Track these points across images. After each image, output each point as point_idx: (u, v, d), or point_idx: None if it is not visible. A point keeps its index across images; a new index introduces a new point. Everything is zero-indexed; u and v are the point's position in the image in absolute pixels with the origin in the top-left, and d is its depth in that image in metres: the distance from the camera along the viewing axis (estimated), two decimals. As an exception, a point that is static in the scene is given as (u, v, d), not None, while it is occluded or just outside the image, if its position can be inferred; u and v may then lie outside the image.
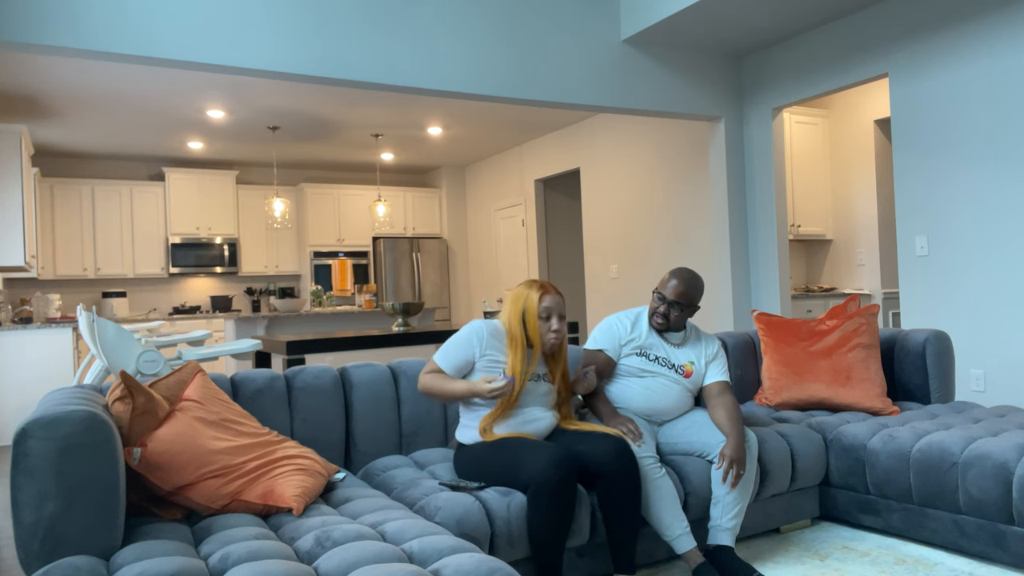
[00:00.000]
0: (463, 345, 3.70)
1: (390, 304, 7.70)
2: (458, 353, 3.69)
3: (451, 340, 3.73)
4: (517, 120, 11.15)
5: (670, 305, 4.12)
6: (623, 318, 4.26)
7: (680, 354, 4.18)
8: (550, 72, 7.14)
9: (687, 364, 4.16)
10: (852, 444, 4.34)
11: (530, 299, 3.74)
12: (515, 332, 3.71)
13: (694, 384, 4.17)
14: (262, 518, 3.04)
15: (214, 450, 3.06)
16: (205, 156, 12.62)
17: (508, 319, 3.73)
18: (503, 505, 3.32)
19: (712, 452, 3.94)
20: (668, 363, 4.15)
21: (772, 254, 8.06)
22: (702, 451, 3.99)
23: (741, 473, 3.82)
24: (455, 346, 3.71)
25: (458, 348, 3.70)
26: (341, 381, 4.07)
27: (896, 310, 8.80)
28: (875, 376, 4.85)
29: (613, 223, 10.72)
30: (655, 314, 4.16)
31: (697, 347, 4.23)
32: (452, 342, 3.72)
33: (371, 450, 4.05)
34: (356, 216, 13.80)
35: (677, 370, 4.14)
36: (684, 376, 4.14)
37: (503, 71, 6.90)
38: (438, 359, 3.73)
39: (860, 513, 4.34)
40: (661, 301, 4.13)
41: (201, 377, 3.40)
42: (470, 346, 3.69)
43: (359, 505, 3.12)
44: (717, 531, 3.83)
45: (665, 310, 4.13)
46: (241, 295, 13.51)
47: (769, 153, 8.08)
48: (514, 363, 3.67)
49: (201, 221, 12.67)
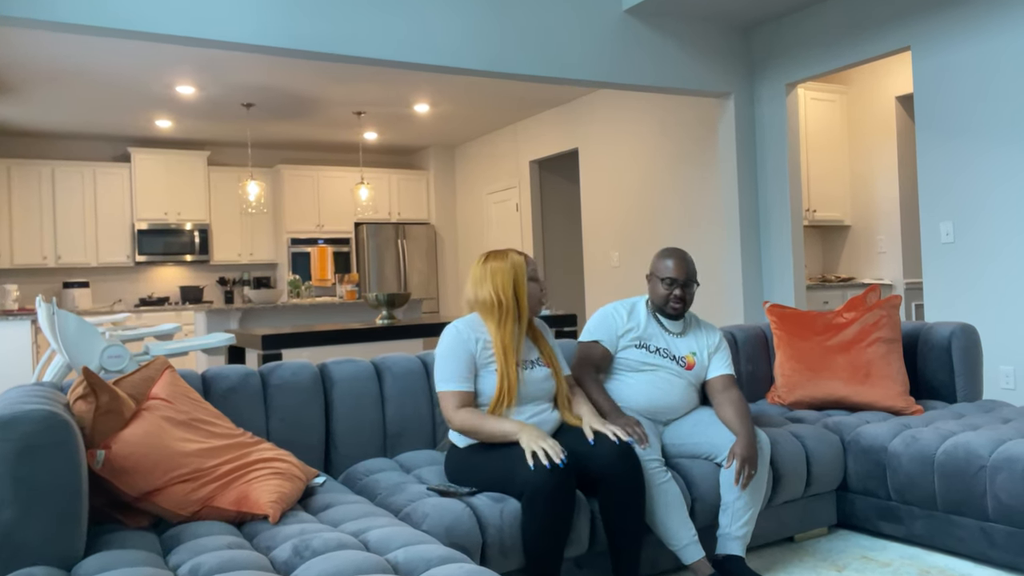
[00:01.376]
0: (457, 348, 3.65)
1: (373, 295, 7.69)
2: (459, 360, 3.63)
3: (442, 355, 3.66)
4: (511, 96, 11.14)
5: (683, 286, 4.13)
6: (619, 308, 4.26)
7: (681, 344, 4.19)
8: (546, 45, 7.13)
9: (688, 356, 4.16)
10: (872, 446, 4.34)
11: (519, 265, 3.73)
12: (508, 304, 3.69)
13: (697, 377, 4.18)
14: (236, 526, 3.04)
15: (184, 452, 3.05)
16: (174, 135, 12.59)
17: (496, 293, 3.69)
18: (496, 512, 3.32)
19: (721, 454, 3.94)
20: (669, 355, 4.15)
21: (786, 241, 8.07)
22: (710, 453, 3.99)
23: (753, 473, 3.82)
24: (452, 356, 3.64)
25: (456, 354, 3.64)
26: (321, 378, 4.06)
27: (919, 301, 8.82)
28: (896, 373, 4.86)
29: (614, 208, 10.72)
30: (669, 302, 4.14)
31: (698, 336, 4.24)
32: (446, 355, 3.65)
33: (353, 452, 4.04)
34: (337, 200, 13.78)
35: (679, 362, 4.15)
36: (686, 368, 4.14)
37: (496, 44, 6.89)
38: (449, 382, 3.63)
39: (880, 521, 4.34)
40: (672, 285, 4.12)
41: (170, 374, 3.40)
42: (463, 344, 3.65)
43: (340, 512, 3.12)
44: (726, 540, 3.83)
45: (681, 292, 4.12)
46: (213, 285, 13.49)
47: (782, 132, 8.08)
48: (504, 339, 3.65)
49: (170, 205, 12.65)
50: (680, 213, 9.69)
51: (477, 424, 3.53)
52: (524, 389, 3.66)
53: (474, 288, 3.76)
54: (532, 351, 3.80)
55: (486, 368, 3.65)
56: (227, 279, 13.44)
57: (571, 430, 3.70)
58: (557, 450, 3.33)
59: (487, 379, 3.64)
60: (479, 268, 3.77)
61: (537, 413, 3.67)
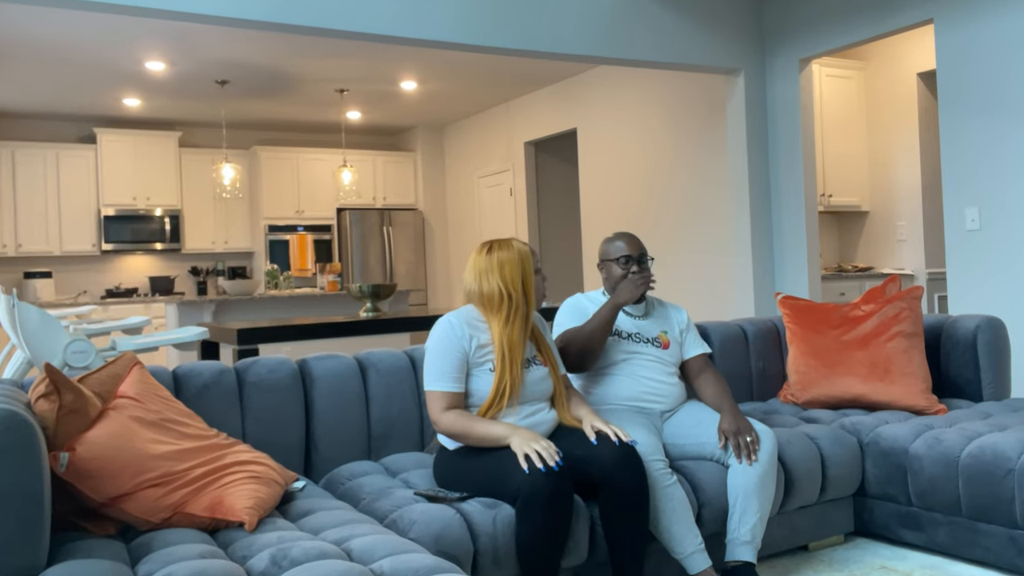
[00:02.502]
0: (449, 344, 3.64)
1: (357, 286, 7.69)
2: (450, 358, 3.62)
3: (432, 351, 3.66)
4: (504, 73, 11.13)
5: (639, 261, 4.27)
6: (581, 299, 4.38)
7: (650, 325, 4.30)
8: (541, 17, 7.12)
9: (661, 335, 4.28)
10: (892, 448, 4.35)
11: (527, 256, 3.74)
12: (518, 300, 3.69)
13: (674, 357, 4.27)
14: (209, 534, 3.03)
15: (153, 455, 3.05)
16: (143, 115, 12.57)
17: (505, 287, 3.68)
18: (488, 519, 3.32)
19: (727, 455, 3.94)
20: (642, 338, 4.25)
21: (799, 228, 8.07)
22: (714, 453, 3.99)
23: (752, 440, 3.89)
24: (443, 353, 3.63)
25: (447, 351, 3.63)
26: (300, 375, 4.06)
27: (943, 293, 8.83)
28: (918, 369, 4.86)
29: (615, 193, 10.72)
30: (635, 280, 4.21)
31: (663, 316, 4.37)
32: (436, 351, 3.64)
33: (335, 455, 4.04)
34: (318, 184, 13.78)
35: (653, 343, 4.24)
36: (662, 348, 4.24)
37: (488, 16, 6.88)
38: (438, 381, 3.62)
39: (901, 528, 4.35)
40: (628, 262, 4.27)
41: (138, 371, 3.39)
42: (456, 341, 3.64)
43: (321, 518, 3.12)
44: (735, 545, 3.83)
45: (638, 269, 4.26)
46: (185, 276, 13.48)
47: (796, 112, 8.07)
48: (512, 337, 3.64)
49: (138, 190, 12.64)
50: (686, 199, 9.69)
51: (466, 427, 3.53)
52: (522, 390, 3.66)
53: (478, 279, 3.74)
54: (530, 348, 3.80)
55: (480, 367, 3.64)
56: (200, 269, 13.43)
57: (569, 432, 3.69)
58: (552, 452, 3.32)
59: (481, 378, 3.63)
60: (483, 258, 3.75)
61: (532, 413, 3.66)
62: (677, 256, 9.85)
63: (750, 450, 3.87)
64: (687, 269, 9.72)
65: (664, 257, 9.99)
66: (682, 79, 9.73)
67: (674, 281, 9.88)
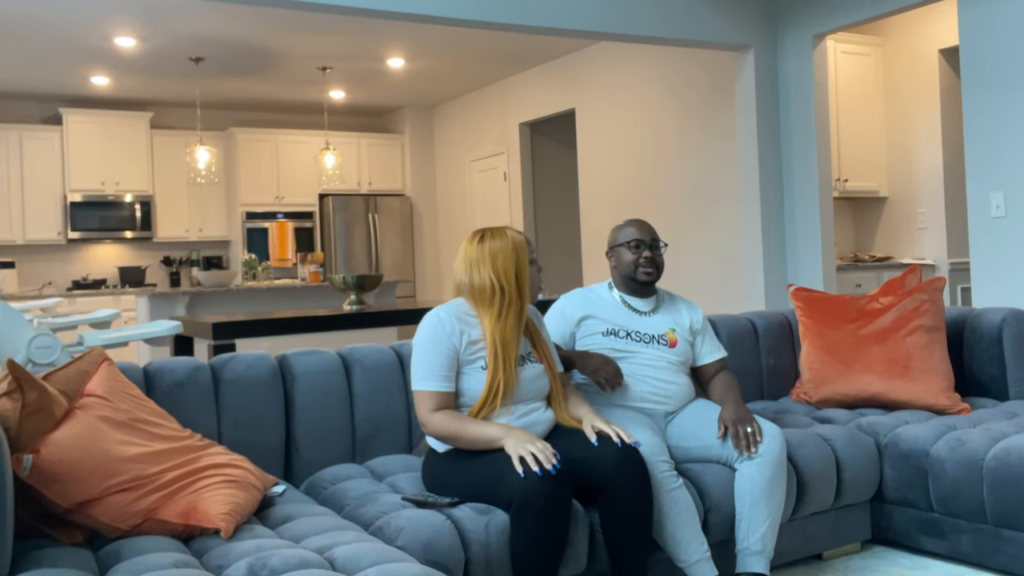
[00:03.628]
0: (437, 341, 3.63)
1: (341, 277, 7.68)
2: (439, 355, 3.61)
3: (420, 347, 3.65)
4: (497, 50, 11.12)
5: (651, 247, 4.27)
6: (572, 297, 4.37)
7: (656, 322, 4.28)
8: (539, -10, 7.12)
9: (668, 332, 4.26)
10: (911, 450, 4.35)
11: (521, 246, 3.72)
12: (511, 293, 3.68)
13: (684, 356, 4.26)
14: (183, 541, 3.03)
15: (123, 457, 3.04)
16: (112, 94, 12.54)
17: (497, 279, 3.66)
18: (480, 526, 3.32)
19: (733, 456, 3.94)
20: (645, 337, 4.23)
21: (813, 215, 8.07)
22: (720, 455, 3.99)
23: (751, 432, 3.90)
24: (431, 350, 3.63)
25: (436, 348, 3.62)
26: (280, 372, 4.06)
27: (966, 284, 8.84)
28: (940, 366, 4.86)
29: (616, 178, 10.72)
30: (639, 267, 4.24)
31: (674, 312, 4.35)
32: (424, 348, 3.64)
33: (317, 457, 4.04)
34: (299, 168, 13.77)
35: (659, 341, 4.23)
36: (669, 347, 4.22)
37: (481, -12, 6.87)
38: (426, 380, 3.61)
39: (921, 535, 4.35)
40: (639, 247, 4.25)
41: (107, 367, 3.39)
42: (445, 338, 3.63)
43: (302, 525, 3.12)
44: (745, 556, 3.83)
45: (650, 254, 4.25)
46: (157, 266, 13.47)
47: (809, 91, 8.07)
48: (505, 333, 3.64)
49: (107, 174, 12.62)
50: (691, 184, 9.69)
51: (456, 429, 3.53)
52: (516, 389, 3.66)
53: (468, 270, 3.73)
54: (524, 344, 3.80)
55: (471, 365, 3.64)
56: (173, 259, 13.42)
57: (567, 433, 3.68)
58: (548, 454, 3.32)
59: (472, 376, 3.63)
60: (474, 248, 3.74)
61: (527, 413, 3.66)
62: (682, 245, 9.85)
63: (749, 441, 3.87)
64: (693, 259, 9.73)
65: (669, 247, 9.98)
66: (688, 56, 9.72)
67: (680, 272, 9.89)
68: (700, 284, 9.66)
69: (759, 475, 3.84)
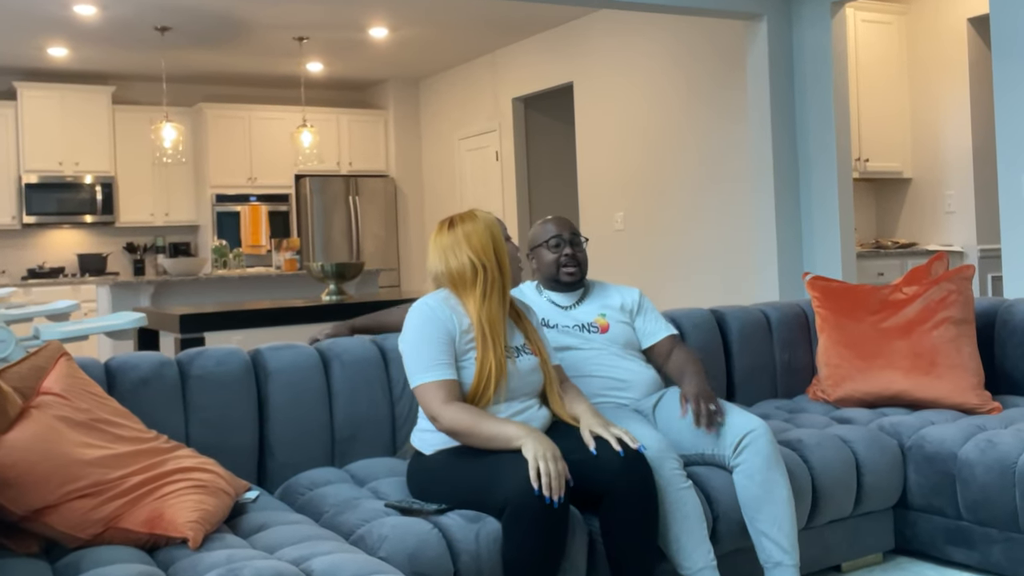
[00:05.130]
0: (433, 328, 3.61)
1: (319, 265, 7.68)
2: (437, 342, 3.60)
3: (414, 340, 3.64)
4: (489, 18, 11.10)
5: (572, 243, 4.33)
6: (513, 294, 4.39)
7: (582, 312, 4.34)
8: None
9: (597, 318, 4.31)
10: (938, 453, 4.35)
11: (493, 224, 3.76)
12: (492, 270, 3.68)
13: (623, 339, 4.30)
14: (147, 552, 3.03)
15: (83, 461, 3.04)
16: (71, 67, 12.52)
17: (477, 258, 3.66)
18: (470, 535, 3.31)
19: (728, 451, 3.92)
20: (573, 327, 4.29)
21: (831, 198, 8.07)
22: (715, 454, 3.97)
23: (714, 409, 3.92)
24: (428, 338, 3.61)
25: (433, 335, 3.61)
26: (253, 368, 4.06)
27: (997, 273, 8.84)
28: (969, 361, 4.86)
29: (618, 158, 10.71)
30: (561, 266, 4.31)
31: (602, 297, 4.43)
32: (419, 339, 3.62)
33: (293, 460, 4.04)
34: (273, 147, 13.77)
35: (588, 329, 4.27)
36: (600, 332, 4.27)
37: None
38: (429, 371, 3.58)
39: (948, 545, 4.36)
40: (559, 244, 4.32)
41: (65, 363, 3.38)
42: (441, 323, 3.61)
43: (277, 534, 3.12)
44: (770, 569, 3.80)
45: (571, 251, 4.32)
46: (119, 253, 13.46)
47: (827, 63, 8.07)
48: (491, 314, 3.63)
49: (65, 154, 12.60)
50: (699, 164, 9.68)
51: (472, 423, 3.48)
52: (510, 382, 3.65)
53: (444, 257, 3.73)
54: (515, 335, 3.79)
55: (465, 356, 3.64)
56: (137, 245, 13.41)
57: (567, 432, 3.66)
58: (562, 482, 3.28)
59: (466, 370, 3.62)
60: (446, 234, 3.75)
61: (521, 411, 3.65)
62: (689, 231, 9.84)
63: (711, 419, 3.89)
64: (700, 246, 9.72)
65: (674, 232, 9.99)
66: (696, 25, 9.71)
67: (685, 259, 9.88)
68: (708, 273, 9.65)
69: (749, 483, 3.83)
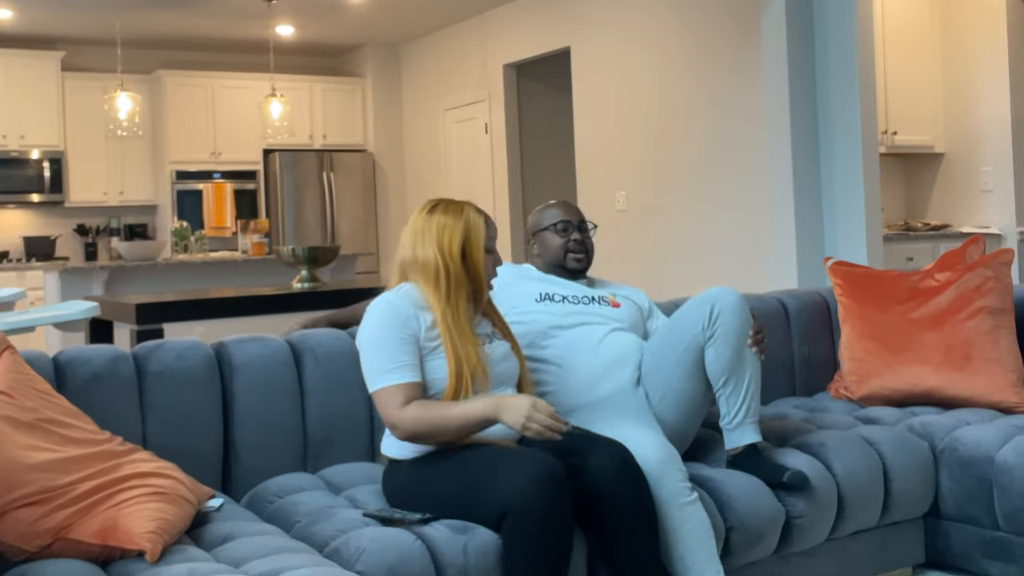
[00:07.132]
0: (394, 329, 3.60)
1: (290, 249, 7.68)
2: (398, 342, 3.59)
3: (372, 340, 3.64)
4: (479, -24, 11.11)
5: (580, 229, 4.39)
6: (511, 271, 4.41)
7: (592, 291, 4.36)
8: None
9: (609, 296, 4.35)
10: (973, 456, 4.36)
11: (475, 227, 3.73)
12: (456, 274, 3.67)
13: (629, 320, 4.31)
14: (100, 566, 3.03)
15: (29, 465, 3.03)
16: (14, 30, 12.51)
17: (441, 255, 3.65)
18: (458, 547, 3.30)
19: (704, 337, 4.01)
20: (583, 299, 4.29)
21: (855, 175, 8.06)
22: (696, 338, 4.02)
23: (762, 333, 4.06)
24: (387, 340, 3.60)
25: (393, 336, 3.60)
26: (217, 363, 4.06)
27: (1036, 258, 8.86)
28: (1007, 355, 4.87)
29: (620, 130, 10.71)
30: (568, 252, 4.35)
31: (610, 288, 4.46)
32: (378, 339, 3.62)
33: (262, 465, 4.03)
34: (239, 119, 13.77)
35: (599, 302, 4.29)
36: (611, 306, 4.30)
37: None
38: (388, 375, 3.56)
39: (984, 558, 4.36)
40: (567, 229, 4.36)
41: (10, 357, 3.38)
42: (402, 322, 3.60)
43: (244, 546, 3.12)
44: (732, 431, 4.00)
45: (580, 237, 4.38)
46: (69, 235, 13.45)
47: (852, 27, 8.06)
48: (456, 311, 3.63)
49: (9, 126, 12.60)
50: (710, 138, 9.68)
51: (436, 417, 3.48)
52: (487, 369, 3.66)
53: (412, 243, 3.74)
54: (483, 322, 3.82)
55: (432, 354, 3.63)
56: (88, 227, 13.40)
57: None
58: (556, 418, 3.35)
59: (436, 364, 3.62)
60: (422, 218, 3.77)
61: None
62: (698, 211, 9.84)
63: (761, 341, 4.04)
64: (711, 228, 9.72)
65: (681, 212, 9.99)
66: (706, -15, 9.73)
67: (694, 243, 9.88)
68: (719, 258, 9.64)
69: (720, 356, 3.96)
